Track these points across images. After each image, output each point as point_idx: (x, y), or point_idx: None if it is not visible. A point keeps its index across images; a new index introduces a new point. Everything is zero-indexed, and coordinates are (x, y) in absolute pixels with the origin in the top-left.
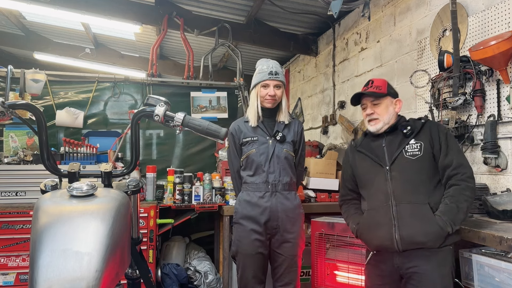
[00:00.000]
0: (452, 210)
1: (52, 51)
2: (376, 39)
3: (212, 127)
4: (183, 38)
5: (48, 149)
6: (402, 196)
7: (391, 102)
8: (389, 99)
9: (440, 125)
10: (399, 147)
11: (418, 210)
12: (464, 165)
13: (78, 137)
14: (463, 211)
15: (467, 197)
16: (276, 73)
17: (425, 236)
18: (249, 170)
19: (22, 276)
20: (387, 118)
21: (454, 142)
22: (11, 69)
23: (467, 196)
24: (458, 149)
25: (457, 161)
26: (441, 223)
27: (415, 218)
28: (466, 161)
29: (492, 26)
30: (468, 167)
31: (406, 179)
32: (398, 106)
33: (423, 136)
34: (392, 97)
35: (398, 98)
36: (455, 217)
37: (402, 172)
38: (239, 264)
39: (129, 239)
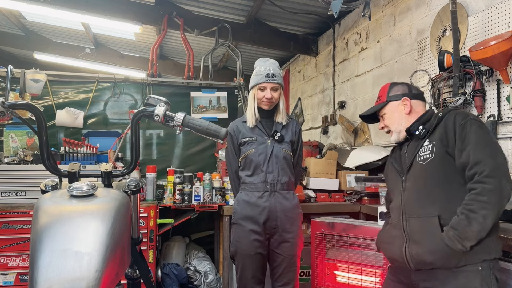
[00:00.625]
0: (461, 222)
1: (52, 51)
2: (376, 39)
3: (212, 127)
4: (183, 38)
5: (48, 149)
6: (411, 209)
7: (395, 107)
8: (392, 105)
9: (459, 114)
10: (414, 152)
11: (426, 225)
12: (483, 161)
13: (78, 137)
14: (477, 221)
15: (483, 203)
16: (273, 75)
17: (432, 255)
18: (248, 170)
19: (22, 276)
20: (396, 126)
21: (473, 133)
22: (11, 69)
23: (483, 202)
24: (478, 141)
25: (474, 157)
26: (446, 240)
27: (424, 234)
28: (486, 155)
29: (492, 26)
30: (487, 163)
31: (417, 188)
32: (406, 107)
33: (437, 133)
34: (395, 100)
35: (404, 97)
36: (465, 230)
37: (415, 181)
38: (238, 265)
39: (129, 239)
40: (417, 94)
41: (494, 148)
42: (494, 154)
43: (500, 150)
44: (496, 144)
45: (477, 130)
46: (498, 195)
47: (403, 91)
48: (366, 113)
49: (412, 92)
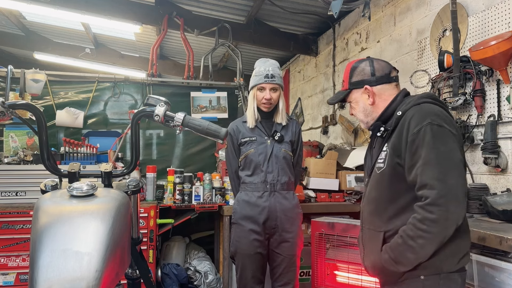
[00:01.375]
0: (398, 247)
1: (52, 51)
2: (376, 39)
3: (212, 127)
4: (183, 38)
5: (48, 149)
6: (365, 219)
7: (359, 95)
8: (355, 93)
9: (415, 116)
10: (376, 156)
11: (373, 238)
12: (429, 184)
13: (78, 137)
14: (413, 250)
15: (422, 232)
16: (273, 76)
17: (374, 269)
18: (248, 170)
19: (22, 276)
20: (362, 117)
21: (425, 146)
22: (11, 69)
23: (422, 230)
24: (428, 157)
25: (420, 178)
26: (383, 260)
27: (371, 247)
28: (433, 177)
29: (492, 26)
30: (434, 188)
31: (371, 199)
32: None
33: (392, 139)
34: (358, 88)
35: (365, 85)
36: (400, 256)
37: (371, 190)
38: (238, 265)
39: (129, 239)
40: (381, 78)
41: (446, 166)
42: (444, 175)
43: (455, 167)
44: (450, 160)
45: (430, 142)
46: (442, 226)
47: (363, 76)
48: (332, 101)
49: (376, 75)
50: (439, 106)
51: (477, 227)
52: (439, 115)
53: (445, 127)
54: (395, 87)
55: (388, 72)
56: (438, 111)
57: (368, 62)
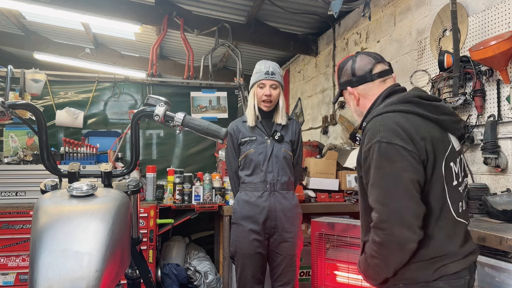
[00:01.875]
0: (364, 262)
1: (52, 51)
2: (376, 39)
3: (212, 127)
4: (183, 38)
5: (48, 149)
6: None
7: (347, 96)
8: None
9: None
10: None
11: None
12: (375, 207)
13: (78, 137)
14: (372, 267)
15: (373, 252)
16: (273, 73)
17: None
18: (247, 169)
19: (22, 276)
20: (356, 116)
21: (372, 167)
22: (11, 69)
23: (373, 250)
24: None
25: (370, 199)
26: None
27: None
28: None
29: (492, 26)
30: (377, 211)
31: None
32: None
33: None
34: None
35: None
36: (366, 271)
37: None
38: (238, 264)
39: (129, 239)
40: (361, 77)
41: (389, 189)
42: (385, 198)
43: (400, 189)
44: (395, 180)
45: (376, 162)
46: (387, 248)
47: (347, 76)
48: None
49: (356, 75)
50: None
51: (477, 227)
52: (392, 129)
53: (396, 144)
54: (380, 84)
55: (369, 70)
56: (394, 124)
57: (351, 61)
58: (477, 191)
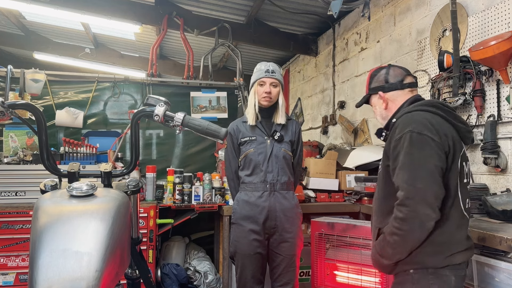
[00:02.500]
0: (380, 242)
1: (52, 51)
2: (376, 39)
3: (212, 127)
4: (183, 38)
5: (48, 149)
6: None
7: (376, 100)
8: (373, 98)
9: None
10: None
11: (373, 233)
12: (401, 187)
13: (78, 137)
14: (390, 245)
15: (395, 229)
16: (273, 72)
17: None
18: (247, 169)
19: (22, 276)
20: (380, 119)
21: (402, 153)
22: (11, 69)
23: (395, 227)
24: (403, 163)
25: (397, 181)
26: (372, 254)
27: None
28: (404, 181)
29: (492, 26)
30: (404, 190)
31: (375, 197)
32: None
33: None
34: (374, 94)
35: (379, 91)
36: (382, 250)
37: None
38: (238, 265)
39: (129, 239)
40: (393, 84)
41: (417, 171)
42: (413, 179)
43: (426, 172)
44: (422, 166)
45: (406, 148)
46: (410, 224)
47: (379, 82)
48: (358, 105)
49: (389, 82)
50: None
51: (477, 227)
52: (422, 122)
53: (425, 135)
54: (408, 93)
55: (401, 79)
56: (424, 119)
57: (385, 69)
58: (477, 191)
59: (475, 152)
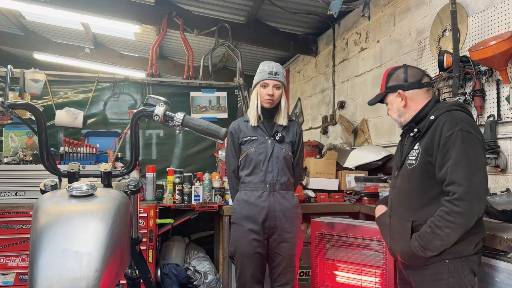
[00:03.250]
0: (427, 235)
1: (52, 51)
2: (376, 39)
3: (211, 127)
4: (183, 38)
5: (47, 149)
6: (395, 208)
7: (393, 98)
8: (390, 96)
9: (448, 122)
10: (407, 152)
11: (402, 226)
12: (457, 182)
13: (77, 137)
14: (440, 237)
15: (448, 223)
16: (276, 73)
17: (402, 255)
18: (247, 169)
19: (22, 276)
20: (395, 117)
21: (455, 149)
22: (10, 69)
23: (449, 221)
24: (457, 159)
25: (450, 176)
26: (412, 247)
27: (399, 234)
28: (462, 176)
29: (492, 26)
30: (461, 185)
31: (401, 190)
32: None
33: (425, 140)
34: (392, 92)
35: (398, 90)
36: (428, 243)
37: (401, 182)
38: (237, 264)
39: (128, 239)
40: (412, 83)
41: (472, 167)
42: (470, 175)
43: (480, 168)
44: (477, 162)
45: (460, 146)
46: (466, 217)
47: (397, 81)
48: (371, 102)
49: (408, 81)
50: (466, 114)
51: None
52: (468, 122)
53: (473, 133)
54: (426, 92)
55: (420, 79)
56: (467, 119)
57: (403, 69)
58: None
59: None
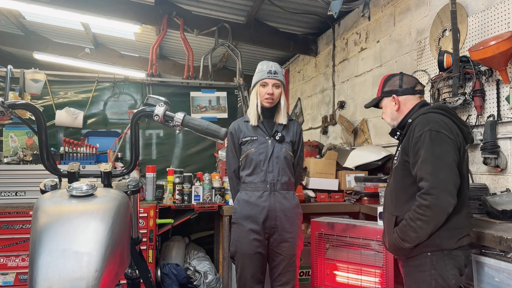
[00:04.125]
0: (403, 227)
1: (52, 51)
2: (376, 39)
3: (211, 127)
4: (183, 38)
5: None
6: (386, 204)
7: (388, 102)
8: (385, 100)
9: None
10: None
11: (389, 221)
12: (424, 178)
13: (77, 137)
14: (413, 230)
15: (419, 215)
16: (275, 73)
17: (389, 247)
18: (248, 169)
19: (22, 276)
20: (389, 120)
21: (424, 148)
22: (10, 69)
23: (419, 214)
24: (425, 157)
25: (419, 173)
26: (393, 239)
27: (388, 228)
28: (428, 172)
29: (492, 26)
30: (428, 181)
31: (390, 188)
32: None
33: (403, 142)
34: (387, 97)
35: (393, 94)
36: (404, 234)
37: (391, 180)
38: (238, 264)
39: (128, 239)
40: (406, 89)
41: (439, 164)
42: (436, 170)
43: (447, 163)
44: (443, 159)
45: (428, 144)
46: (434, 210)
47: (393, 87)
48: (367, 105)
49: (402, 87)
50: (443, 115)
51: (476, 227)
52: (438, 122)
53: (442, 133)
54: (418, 99)
55: (414, 86)
56: (439, 119)
57: (399, 76)
58: (476, 191)
59: (475, 152)
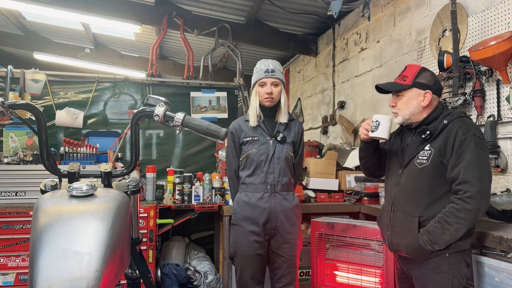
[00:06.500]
0: (436, 230)
1: (52, 51)
2: (376, 39)
3: (211, 127)
4: (183, 38)
5: (48, 149)
6: (399, 204)
7: (416, 94)
8: (414, 91)
9: (462, 127)
10: (415, 152)
11: (407, 222)
12: (470, 181)
13: (78, 137)
14: (449, 233)
15: (459, 219)
16: (273, 71)
17: (406, 249)
18: (248, 169)
19: (22, 276)
20: (407, 113)
21: (469, 152)
22: (11, 69)
23: (459, 218)
24: (471, 161)
25: (463, 176)
26: (420, 241)
27: (403, 229)
28: (474, 177)
29: (492, 26)
30: (474, 185)
31: (408, 188)
32: (425, 100)
33: (438, 142)
34: (419, 89)
35: (428, 90)
36: (437, 237)
37: (408, 180)
38: (238, 266)
39: (129, 239)
40: (438, 89)
41: (483, 169)
42: (482, 176)
43: (488, 171)
44: (486, 165)
45: (473, 149)
46: (474, 215)
47: (429, 82)
48: (383, 86)
49: (436, 86)
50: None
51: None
52: (478, 129)
53: (483, 140)
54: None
55: (441, 88)
56: (477, 126)
57: (431, 73)
58: None
59: None
